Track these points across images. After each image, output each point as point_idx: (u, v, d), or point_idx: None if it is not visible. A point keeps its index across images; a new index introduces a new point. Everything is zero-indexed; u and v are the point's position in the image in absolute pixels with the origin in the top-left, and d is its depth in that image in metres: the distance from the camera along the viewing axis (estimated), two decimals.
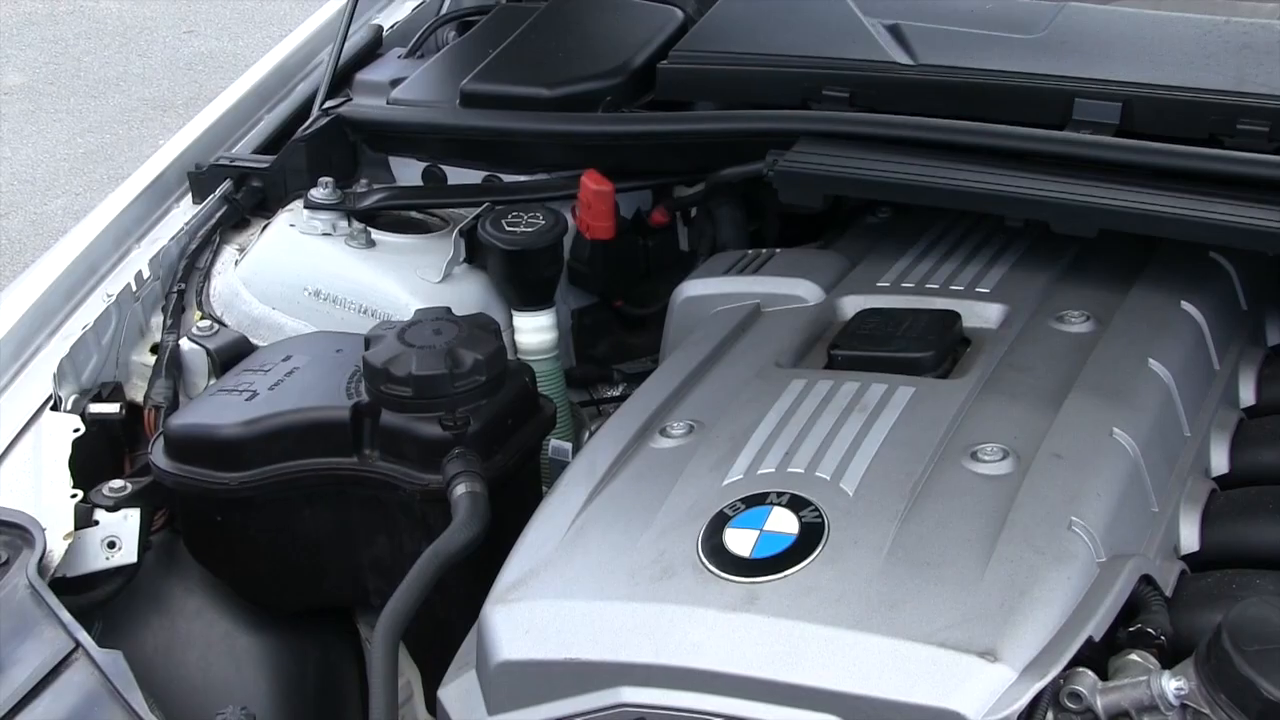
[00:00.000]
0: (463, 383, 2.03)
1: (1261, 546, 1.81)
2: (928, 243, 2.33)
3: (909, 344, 2.00)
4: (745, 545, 1.65)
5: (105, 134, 7.38)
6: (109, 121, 7.52)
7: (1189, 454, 1.95)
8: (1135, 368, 1.95)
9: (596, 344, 2.71)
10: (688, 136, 2.49)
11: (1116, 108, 2.26)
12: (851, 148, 2.31)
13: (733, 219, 2.59)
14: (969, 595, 1.55)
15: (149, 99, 7.76)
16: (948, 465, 1.75)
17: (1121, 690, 1.50)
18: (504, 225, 2.40)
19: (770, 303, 2.23)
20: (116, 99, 7.79)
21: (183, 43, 8.47)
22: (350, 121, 2.70)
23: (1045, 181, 2.16)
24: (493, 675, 1.69)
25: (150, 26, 8.68)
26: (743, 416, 1.88)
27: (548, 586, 1.70)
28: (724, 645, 1.57)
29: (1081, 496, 1.69)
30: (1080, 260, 2.24)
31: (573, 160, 2.56)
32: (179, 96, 7.69)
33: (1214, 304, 2.17)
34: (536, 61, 2.74)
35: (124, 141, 7.24)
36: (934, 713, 1.47)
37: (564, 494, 1.85)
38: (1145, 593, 1.65)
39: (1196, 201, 2.06)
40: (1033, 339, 2.04)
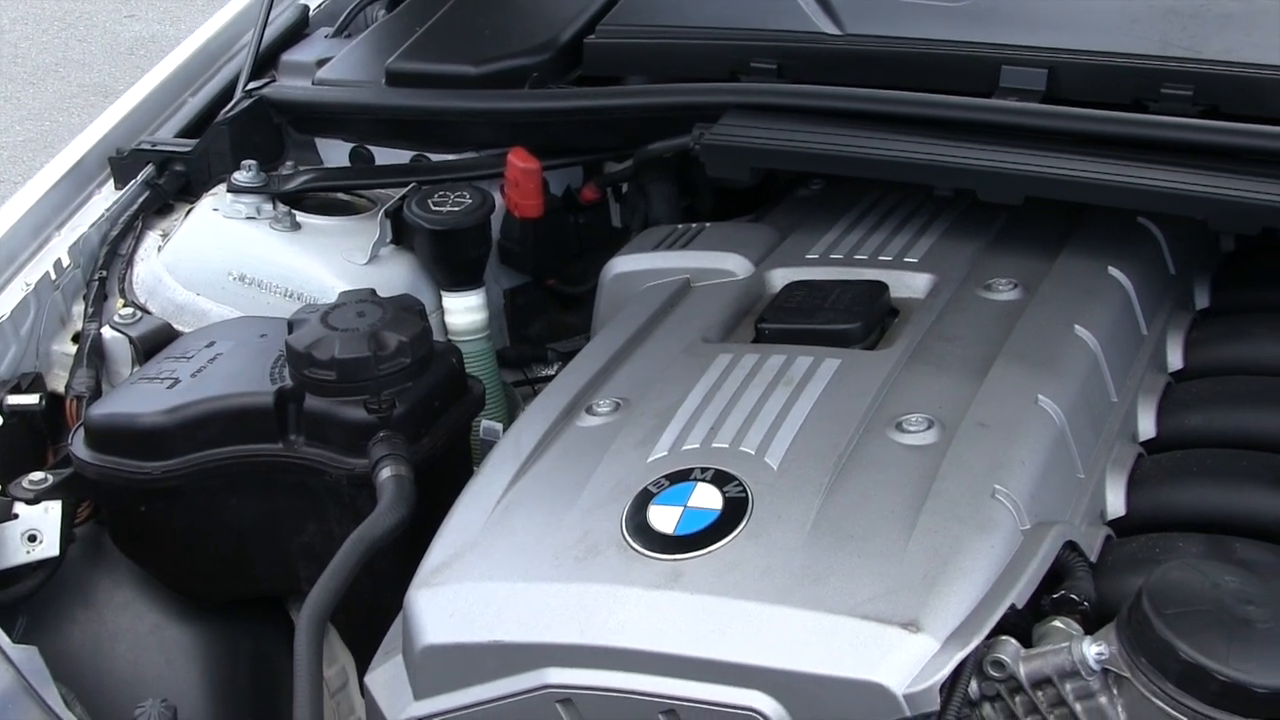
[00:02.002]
0: (387, 365, 2.01)
1: (1186, 510, 1.82)
2: (857, 214, 2.32)
3: (836, 316, 1.99)
4: (669, 522, 1.64)
5: (44, 121, 7.30)
6: (48, 109, 7.44)
7: (1116, 419, 1.95)
8: (1062, 335, 1.95)
9: (530, 323, 2.68)
10: (614, 111, 2.47)
11: (1042, 74, 2.25)
12: (779, 119, 2.29)
13: (664, 194, 2.58)
14: (892, 567, 1.54)
15: (89, 85, 7.68)
16: (873, 437, 1.74)
17: (1044, 657, 1.50)
18: (430, 205, 2.38)
19: (700, 277, 2.21)
20: (55, 85, 7.71)
21: (123, 27, 8.38)
22: (274, 103, 2.67)
23: (972, 150, 2.14)
24: (418, 660, 1.67)
25: (89, 11, 8.58)
26: (669, 393, 1.87)
27: (472, 569, 1.68)
28: (648, 623, 1.55)
29: (1006, 465, 1.69)
30: (1009, 228, 2.24)
31: (501, 138, 2.53)
32: (120, 82, 7.59)
33: (1141, 269, 2.16)
34: (463, 39, 2.71)
35: (64, 129, 7.14)
36: (858, 685, 1.47)
37: (489, 475, 1.83)
38: (1070, 559, 1.65)
39: (1122, 167, 2.06)
40: (960, 308, 2.03)
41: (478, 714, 1.64)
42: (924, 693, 1.45)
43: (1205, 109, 2.15)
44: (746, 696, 1.51)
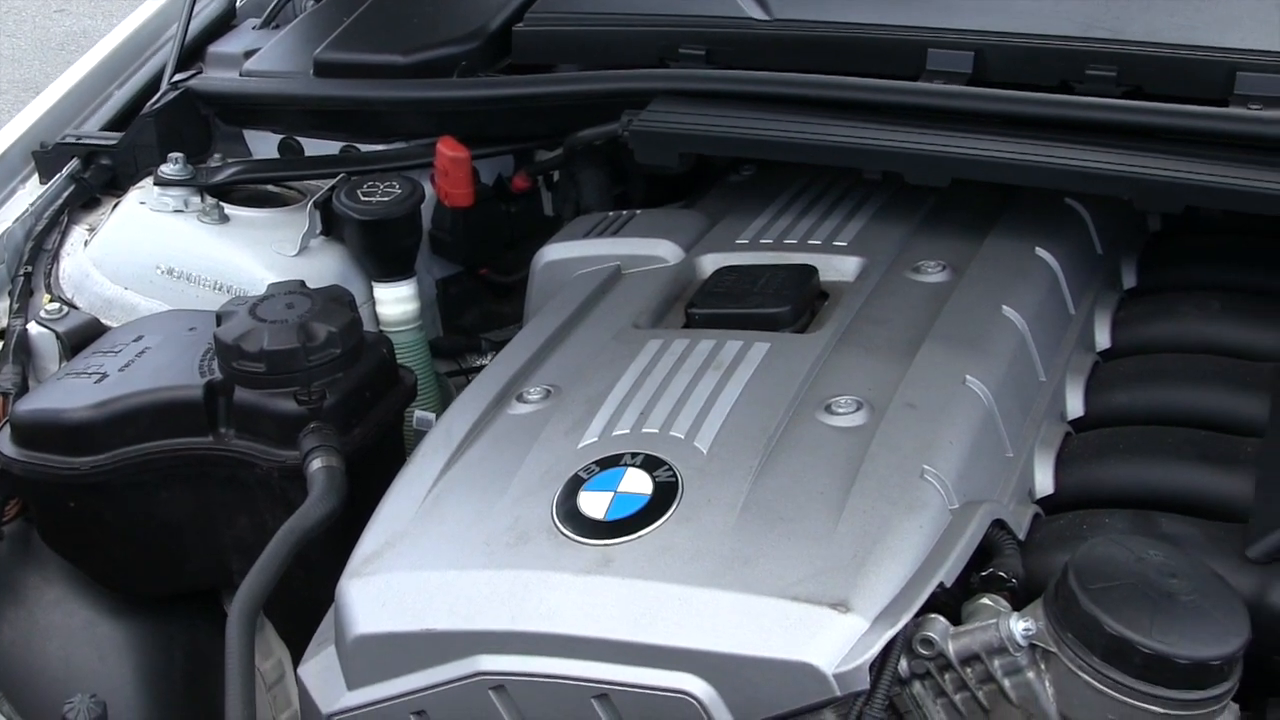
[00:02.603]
0: (317, 356, 2.00)
1: (1113, 487, 1.84)
2: (787, 199, 2.33)
3: (766, 300, 1.99)
4: (599, 507, 1.64)
5: None
6: None
7: (1044, 399, 1.96)
8: (989, 315, 1.96)
9: (463, 313, 2.68)
10: (543, 99, 2.47)
11: (969, 57, 2.26)
12: (707, 105, 2.29)
13: (596, 182, 2.58)
14: (822, 548, 1.55)
15: (19, 80, 7.60)
16: (802, 419, 1.75)
17: (972, 634, 1.51)
18: (359, 195, 2.36)
19: (631, 264, 2.21)
20: None
21: (53, 22, 8.29)
22: (201, 95, 2.65)
23: (899, 133, 2.15)
24: (350, 650, 1.67)
25: (18, 6, 8.49)
26: (599, 379, 1.87)
27: (403, 558, 1.68)
28: (579, 609, 1.56)
29: (934, 445, 1.70)
30: (938, 211, 2.25)
31: (430, 127, 2.52)
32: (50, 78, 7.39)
33: (1069, 249, 2.18)
34: (391, 28, 2.70)
35: None
36: (788, 665, 1.47)
37: (420, 464, 1.82)
38: (998, 537, 1.66)
39: (1048, 148, 2.07)
40: (889, 290, 2.04)
41: (411, 703, 1.64)
42: (853, 672, 1.46)
43: (1129, 89, 2.17)
44: (678, 679, 1.52)
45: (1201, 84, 2.12)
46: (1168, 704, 1.45)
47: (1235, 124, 2.02)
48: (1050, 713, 1.51)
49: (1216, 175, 1.97)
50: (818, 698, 1.48)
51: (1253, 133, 2.01)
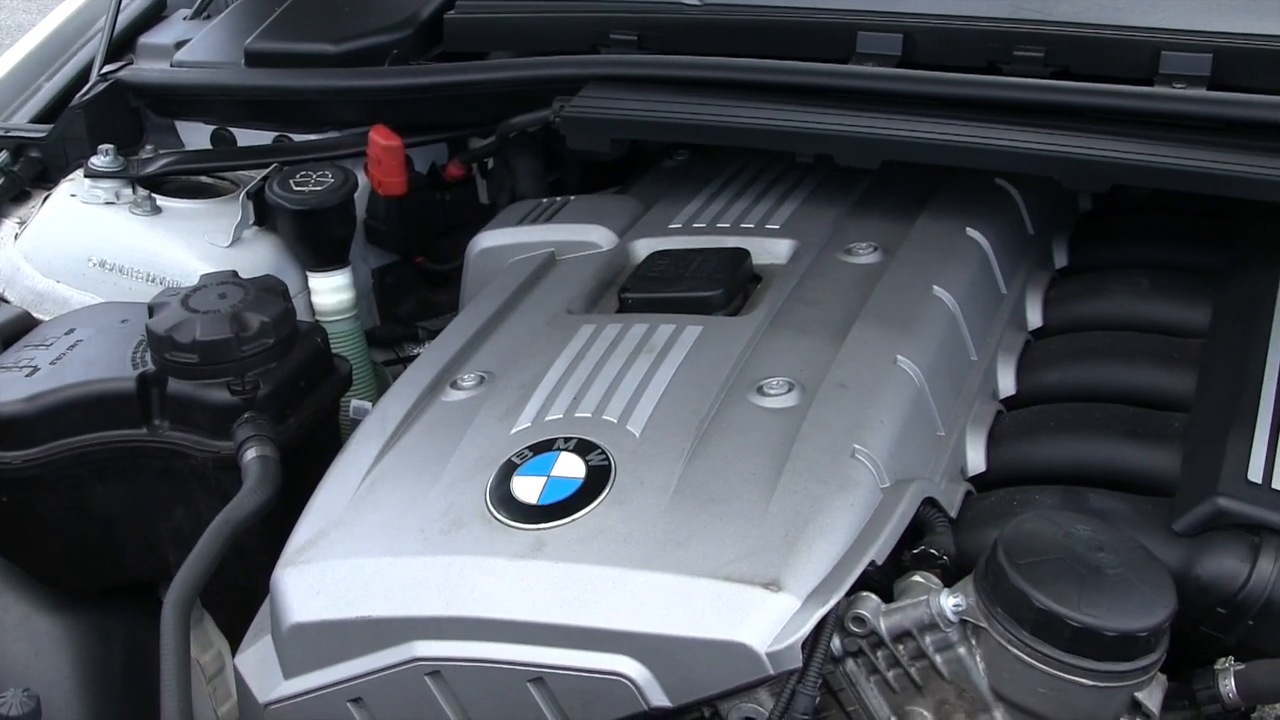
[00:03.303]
0: (250, 346, 2.00)
1: (1044, 463, 1.86)
2: (721, 183, 2.34)
3: (698, 283, 2.00)
4: (533, 492, 1.64)
5: None
6: None
7: (976, 378, 1.98)
8: (920, 296, 1.98)
9: (400, 302, 2.67)
10: (475, 86, 2.46)
11: (898, 39, 2.27)
12: (639, 90, 2.30)
13: (530, 169, 2.57)
14: (754, 528, 1.56)
15: None
16: (734, 401, 1.76)
17: (903, 611, 1.53)
18: (292, 185, 2.36)
19: (565, 250, 2.22)
20: None
21: None
22: (131, 86, 2.63)
23: (830, 116, 2.16)
24: (286, 638, 1.67)
25: None
26: (532, 365, 1.88)
27: (338, 546, 1.68)
28: (513, 593, 1.56)
29: (865, 425, 1.71)
30: (870, 193, 2.27)
31: (363, 116, 2.51)
32: None
33: (999, 230, 2.20)
34: (323, 17, 2.69)
35: None
36: (721, 645, 1.48)
37: (354, 453, 1.82)
38: (929, 515, 1.68)
39: (977, 129, 2.09)
40: (821, 272, 2.05)
41: (347, 690, 1.64)
42: (786, 650, 1.47)
43: (1057, 70, 2.19)
44: (613, 661, 1.52)
45: (1127, 64, 2.14)
46: (1096, 675, 1.47)
47: (1160, 103, 2.05)
48: (982, 687, 1.53)
49: (1142, 154, 1.99)
50: (751, 677, 1.49)
51: (1177, 111, 2.03)
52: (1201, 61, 2.09)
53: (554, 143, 2.54)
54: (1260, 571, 1.61)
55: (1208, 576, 1.64)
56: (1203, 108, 2.02)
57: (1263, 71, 2.06)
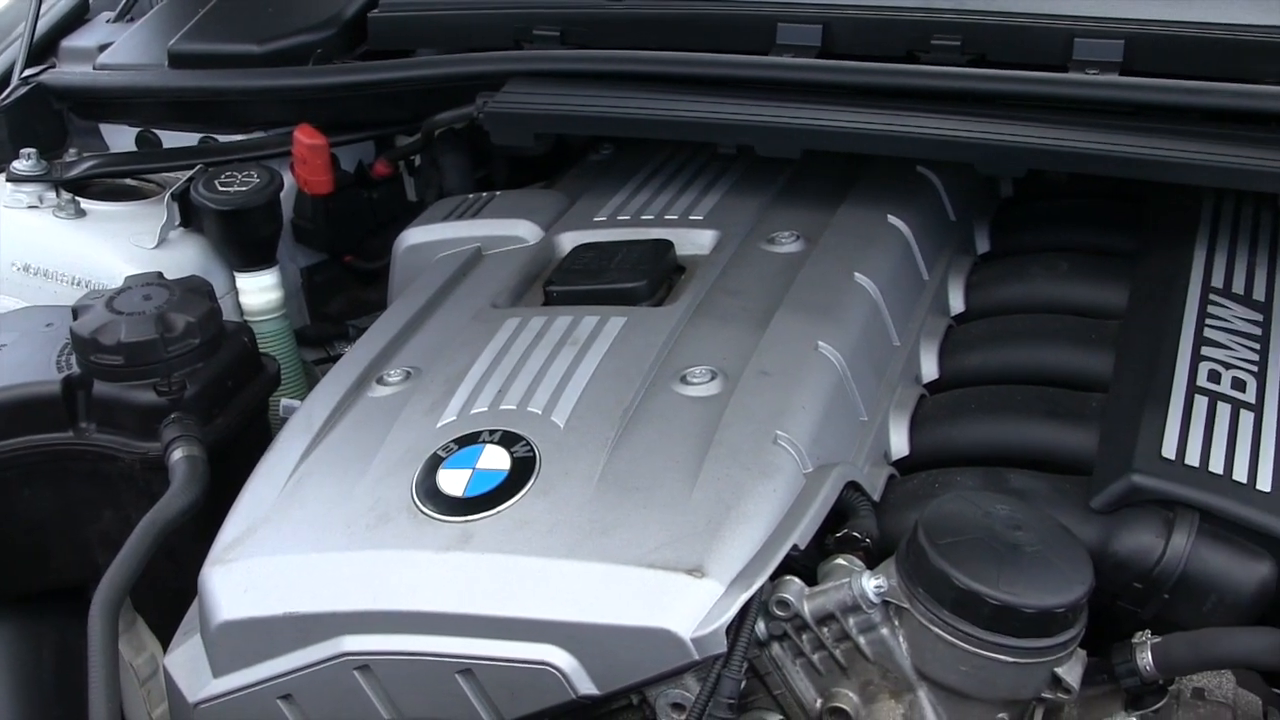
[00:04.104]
0: (176, 347, 2.00)
1: (965, 445, 1.88)
2: (645, 176, 2.35)
3: (622, 275, 2.01)
4: (458, 485, 1.65)
5: None
6: None
7: (899, 363, 2.00)
8: (842, 283, 2.00)
9: (329, 301, 2.67)
10: (398, 84, 2.46)
11: (817, 30, 2.29)
12: (562, 85, 2.31)
13: (457, 166, 2.58)
14: (677, 515, 1.57)
15: None
16: (658, 390, 1.77)
17: (826, 594, 1.54)
18: (217, 186, 2.36)
19: (491, 245, 2.23)
20: None
21: None
22: (54, 89, 2.62)
23: (751, 107, 2.18)
24: (214, 637, 1.67)
25: None
26: (458, 359, 1.88)
27: (265, 543, 1.68)
28: (440, 585, 1.57)
29: (787, 411, 1.73)
30: (793, 183, 2.29)
31: (288, 116, 2.51)
32: None
33: (921, 216, 2.22)
34: (246, 18, 2.68)
35: None
36: (646, 632, 1.50)
37: (280, 450, 1.82)
38: (852, 499, 1.70)
39: (895, 117, 2.11)
40: (744, 262, 2.07)
41: (277, 686, 1.64)
42: (710, 635, 1.48)
43: (973, 58, 2.21)
44: (540, 651, 1.53)
45: (1042, 51, 2.17)
46: (1016, 652, 1.49)
47: (1074, 88, 2.07)
48: (905, 667, 1.55)
49: (1057, 139, 2.01)
50: (677, 663, 1.50)
51: (1090, 96, 2.06)
52: (1113, 48, 2.12)
53: (481, 139, 2.54)
54: (1174, 546, 1.64)
55: (1124, 552, 1.66)
56: (1115, 93, 2.05)
57: (1172, 57, 2.09)
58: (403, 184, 2.70)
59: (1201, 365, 1.84)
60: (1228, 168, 1.93)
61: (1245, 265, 2.06)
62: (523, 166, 2.69)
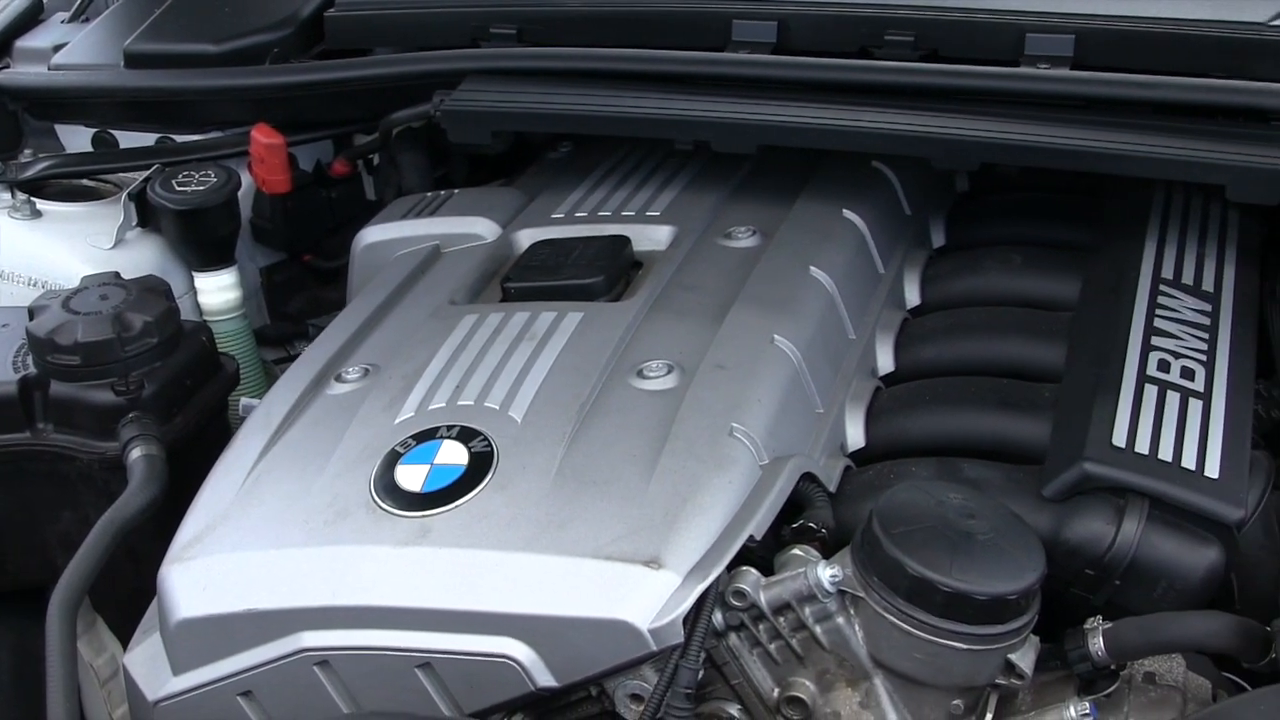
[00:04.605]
0: (133, 346, 2.00)
1: (921, 436, 1.90)
2: (603, 172, 2.37)
3: (580, 271, 2.02)
4: (416, 480, 1.66)
5: None
6: None
7: (854, 356, 2.02)
8: (797, 277, 2.01)
9: (289, 300, 2.67)
10: (355, 83, 2.47)
11: (772, 26, 2.30)
12: (518, 83, 2.32)
13: (416, 164, 2.58)
14: (634, 508, 1.58)
15: None
16: (615, 385, 1.78)
17: (782, 584, 1.56)
18: (174, 185, 2.35)
19: (449, 243, 2.23)
20: None
21: None
22: (8, 90, 2.62)
23: (707, 103, 2.19)
24: (173, 635, 1.67)
25: None
26: (416, 356, 1.89)
27: (223, 540, 1.68)
28: (399, 580, 1.58)
29: (743, 404, 1.74)
30: (749, 179, 2.30)
31: (245, 115, 2.51)
32: None
33: (876, 211, 2.24)
34: (202, 17, 2.68)
35: None
36: (604, 624, 1.51)
37: (239, 448, 1.83)
38: (808, 490, 1.72)
39: (850, 112, 2.12)
40: (701, 257, 2.08)
41: (237, 684, 1.64)
42: (667, 626, 1.49)
43: (926, 53, 2.23)
44: (499, 644, 1.54)
45: (994, 46, 2.18)
46: (970, 639, 1.51)
47: (1025, 83, 2.09)
48: (861, 655, 1.57)
49: (1009, 133, 2.03)
50: (635, 654, 1.51)
51: (1042, 91, 2.08)
52: (1064, 43, 2.14)
53: (439, 138, 2.55)
54: (1125, 533, 1.66)
55: (1076, 539, 1.68)
56: (1066, 86, 2.07)
57: (1122, 51, 2.11)
58: (361, 183, 2.71)
59: (1152, 355, 1.86)
60: (1177, 160, 1.95)
61: (1194, 256, 2.09)
62: (482, 165, 2.69)
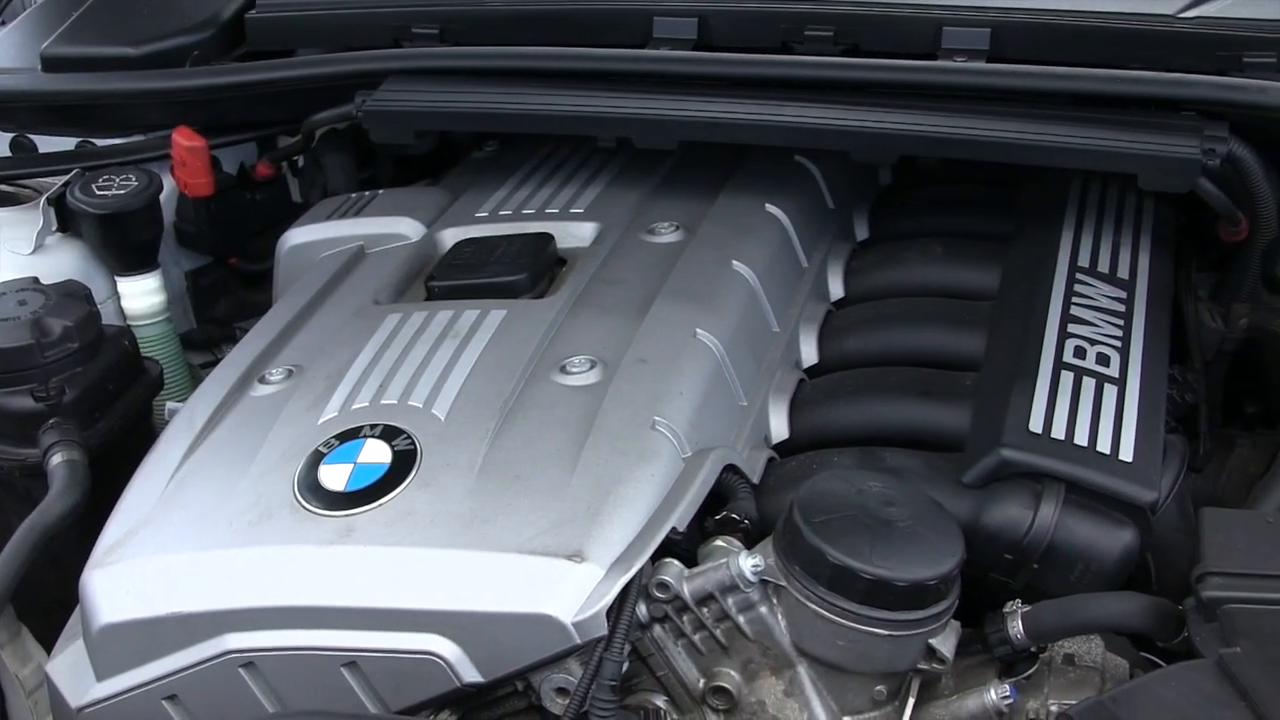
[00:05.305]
0: (53, 352, 1.99)
1: (843, 426, 1.92)
2: (527, 171, 2.37)
3: (503, 268, 2.03)
4: (340, 479, 1.66)
5: None
6: None
7: (778, 348, 2.03)
8: (720, 271, 2.03)
9: (216, 304, 2.65)
10: (276, 84, 2.45)
11: (693, 23, 2.32)
12: (441, 82, 2.32)
13: (341, 166, 2.58)
14: (557, 502, 1.59)
15: None
16: (538, 381, 1.79)
17: (705, 575, 1.57)
18: (94, 190, 2.33)
19: (374, 243, 2.23)
20: None
21: None
22: None
23: (628, 100, 2.20)
24: (97, 640, 1.66)
25: None
26: (339, 356, 1.89)
27: (146, 544, 1.68)
28: (323, 579, 1.58)
29: (665, 397, 1.75)
30: (673, 175, 2.31)
31: (167, 118, 2.49)
32: None
33: (799, 205, 2.26)
34: (121, 20, 2.65)
35: None
36: (528, 618, 1.51)
37: (162, 452, 1.82)
38: (731, 482, 1.73)
39: (770, 107, 2.14)
40: (624, 253, 2.09)
41: (162, 688, 1.64)
42: (591, 619, 1.50)
43: (846, 48, 2.25)
44: (424, 641, 1.55)
45: (912, 40, 2.21)
46: (891, 625, 1.53)
47: (943, 75, 2.11)
48: (784, 644, 1.58)
49: (927, 125, 2.05)
50: (560, 647, 1.52)
51: (959, 83, 2.10)
52: (981, 36, 2.16)
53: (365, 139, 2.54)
54: (1042, 517, 1.68)
55: (995, 525, 1.70)
56: (982, 79, 2.09)
57: (1037, 44, 2.14)
58: (286, 185, 2.69)
59: (1068, 342, 1.89)
60: (1090, 150, 1.98)
61: (1110, 245, 2.12)
62: (408, 165, 2.69)
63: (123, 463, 1.97)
